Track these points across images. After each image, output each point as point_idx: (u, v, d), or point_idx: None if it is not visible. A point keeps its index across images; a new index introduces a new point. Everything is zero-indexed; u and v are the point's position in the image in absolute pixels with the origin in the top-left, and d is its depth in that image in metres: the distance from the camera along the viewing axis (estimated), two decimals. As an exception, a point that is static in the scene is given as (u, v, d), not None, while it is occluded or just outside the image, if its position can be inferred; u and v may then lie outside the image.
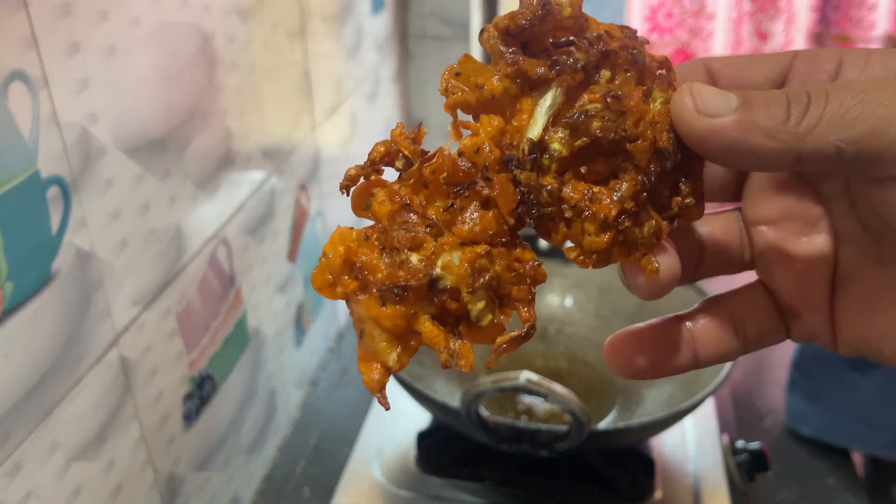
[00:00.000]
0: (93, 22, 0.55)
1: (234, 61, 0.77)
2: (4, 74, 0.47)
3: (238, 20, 0.78)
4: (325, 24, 1.03)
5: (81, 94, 0.54)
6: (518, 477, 0.72)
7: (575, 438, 0.62)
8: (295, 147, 0.95)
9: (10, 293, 0.49)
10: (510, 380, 0.59)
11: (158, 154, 0.65)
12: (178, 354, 0.70)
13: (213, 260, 0.76)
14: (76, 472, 0.57)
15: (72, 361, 0.56)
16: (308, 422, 1.00)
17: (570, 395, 0.58)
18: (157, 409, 0.68)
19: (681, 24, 1.40)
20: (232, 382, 0.82)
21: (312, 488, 0.89)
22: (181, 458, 0.73)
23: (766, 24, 1.39)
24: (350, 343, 1.16)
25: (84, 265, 0.56)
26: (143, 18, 0.61)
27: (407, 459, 0.75)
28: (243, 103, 0.80)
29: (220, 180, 0.76)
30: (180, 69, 0.67)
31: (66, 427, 0.56)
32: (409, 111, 1.53)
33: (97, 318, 0.58)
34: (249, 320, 0.85)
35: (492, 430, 0.65)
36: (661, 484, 0.71)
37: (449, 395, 0.77)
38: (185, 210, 0.70)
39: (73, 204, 0.54)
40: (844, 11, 1.37)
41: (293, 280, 0.97)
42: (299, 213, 0.98)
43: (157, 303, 0.66)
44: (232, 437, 0.83)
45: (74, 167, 0.54)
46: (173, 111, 0.66)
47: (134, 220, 0.62)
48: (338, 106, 1.10)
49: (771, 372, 1.07)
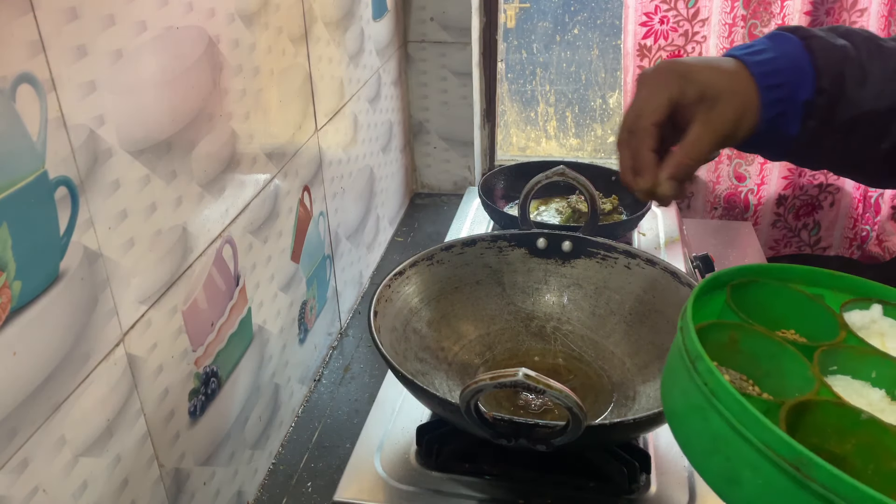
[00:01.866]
0: (100, 26, 0.56)
1: (239, 65, 0.79)
2: (13, 77, 0.48)
3: (242, 25, 0.79)
4: (327, 29, 1.04)
5: (88, 96, 0.55)
6: (516, 471, 0.73)
7: (572, 433, 0.63)
8: (298, 149, 0.96)
9: (18, 292, 0.50)
10: (508, 376, 0.59)
11: (165, 156, 0.66)
12: (184, 352, 0.72)
13: (219, 259, 0.77)
14: (83, 467, 0.58)
15: (79, 359, 0.57)
16: (311, 417, 1.01)
17: (568, 392, 0.59)
18: (162, 405, 0.69)
19: (675, 29, 1.41)
20: (236, 379, 0.83)
21: (315, 483, 0.90)
22: (186, 453, 0.74)
23: (759, 28, 1.40)
24: (352, 341, 1.17)
25: (91, 265, 0.57)
26: (150, 23, 0.62)
27: (408, 454, 0.76)
28: (248, 106, 0.81)
29: (225, 181, 0.77)
30: (186, 73, 0.68)
31: (73, 423, 0.57)
32: (409, 114, 1.54)
33: (104, 316, 0.59)
34: (254, 318, 0.86)
35: (490, 426, 0.66)
36: (657, 478, 0.72)
37: (448, 391, 0.79)
38: (190, 210, 0.71)
39: (81, 204, 0.56)
40: (836, 16, 1.38)
41: (297, 279, 0.99)
42: (303, 213, 0.99)
43: (163, 301, 0.67)
44: (236, 432, 0.84)
45: (82, 168, 0.55)
46: (179, 114, 0.68)
47: (140, 220, 0.63)
48: (340, 109, 1.12)
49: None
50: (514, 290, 0.90)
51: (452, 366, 0.82)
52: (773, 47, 0.62)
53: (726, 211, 1.60)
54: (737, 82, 0.60)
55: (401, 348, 0.79)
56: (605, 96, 1.74)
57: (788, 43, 0.61)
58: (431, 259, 0.87)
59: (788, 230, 1.61)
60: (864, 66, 0.61)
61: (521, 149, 1.80)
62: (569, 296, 0.88)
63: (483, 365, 0.84)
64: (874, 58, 0.61)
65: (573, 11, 1.66)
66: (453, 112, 1.52)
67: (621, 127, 0.64)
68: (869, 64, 0.61)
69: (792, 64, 0.60)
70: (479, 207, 1.35)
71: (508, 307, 0.89)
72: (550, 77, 1.72)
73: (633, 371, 0.81)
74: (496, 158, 1.65)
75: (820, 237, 1.61)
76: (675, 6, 1.39)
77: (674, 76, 0.61)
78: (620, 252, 0.86)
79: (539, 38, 1.69)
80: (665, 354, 0.80)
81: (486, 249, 0.89)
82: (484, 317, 0.88)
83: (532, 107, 1.75)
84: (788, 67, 0.60)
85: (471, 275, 0.89)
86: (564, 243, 0.88)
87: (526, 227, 0.90)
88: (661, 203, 0.64)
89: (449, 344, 0.85)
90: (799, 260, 1.67)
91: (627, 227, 1.19)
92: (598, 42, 1.67)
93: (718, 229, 1.49)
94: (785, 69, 0.60)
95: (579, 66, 1.70)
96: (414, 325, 0.83)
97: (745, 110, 0.60)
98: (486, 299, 0.89)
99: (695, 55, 1.43)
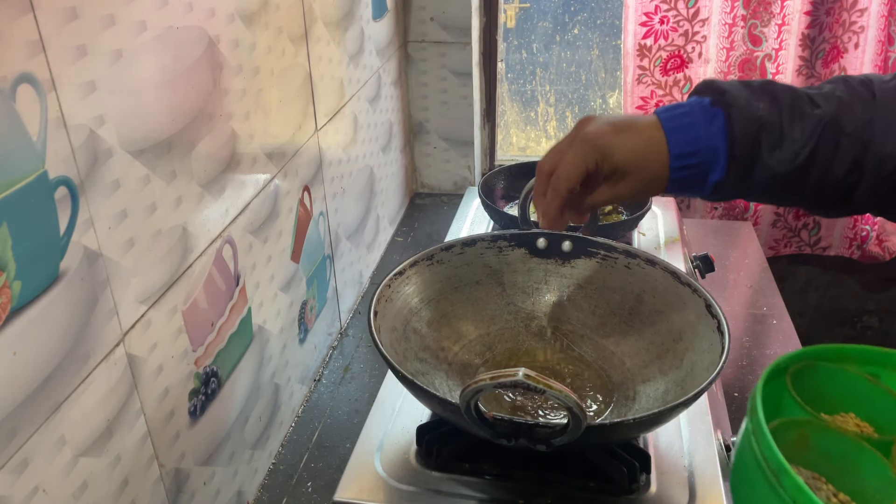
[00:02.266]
0: (100, 26, 0.56)
1: (239, 65, 0.79)
2: (13, 77, 0.48)
3: (242, 25, 0.79)
4: (327, 29, 1.04)
5: (88, 96, 0.55)
6: (516, 471, 0.73)
7: (572, 433, 0.63)
8: (298, 149, 0.96)
9: (18, 292, 0.50)
10: (508, 376, 0.59)
11: (165, 156, 0.66)
12: (184, 352, 0.72)
13: (219, 259, 0.77)
14: (83, 467, 0.59)
15: (79, 359, 0.57)
16: (311, 417, 1.01)
17: (568, 392, 0.59)
18: (163, 405, 0.69)
19: (675, 29, 1.41)
20: (236, 379, 0.83)
21: (315, 483, 0.90)
22: (186, 453, 0.74)
23: (759, 28, 1.40)
24: (352, 341, 1.17)
25: (91, 264, 0.57)
26: (150, 23, 0.62)
27: (408, 454, 0.76)
28: (248, 106, 0.81)
29: (225, 181, 0.77)
30: (186, 73, 0.68)
31: (73, 423, 0.57)
32: (409, 114, 1.54)
33: (104, 316, 0.59)
34: (254, 318, 0.86)
35: (490, 426, 0.66)
36: (657, 478, 0.72)
37: (448, 391, 0.78)
38: (190, 210, 0.71)
39: (81, 204, 0.56)
40: (836, 15, 1.38)
41: (297, 279, 0.99)
42: (303, 213, 0.99)
43: (164, 301, 0.67)
44: (236, 432, 0.84)
45: (82, 168, 0.55)
46: (179, 114, 0.68)
47: (141, 220, 0.63)
48: (340, 109, 1.12)
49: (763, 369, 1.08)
50: (514, 290, 0.90)
51: (452, 366, 0.82)
52: (702, 121, 0.66)
53: (726, 211, 1.60)
54: (651, 160, 0.68)
55: (401, 348, 0.79)
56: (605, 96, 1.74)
57: (715, 120, 0.66)
58: (431, 259, 0.87)
59: (788, 230, 1.61)
60: (784, 130, 0.64)
61: (521, 149, 1.80)
62: (569, 296, 0.88)
63: (483, 365, 0.84)
64: (795, 121, 0.64)
65: (573, 11, 1.66)
66: (453, 112, 1.52)
67: (540, 180, 0.75)
68: (789, 128, 0.64)
69: (710, 144, 0.66)
70: (479, 207, 1.35)
71: (508, 307, 0.89)
72: (550, 77, 1.72)
73: (633, 371, 0.81)
74: (496, 158, 1.65)
75: (820, 237, 1.61)
76: (675, 6, 1.39)
77: (595, 152, 0.70)
78: (620, 252, 0.86)
79: (539, 38, 1.69)
80: (665, 354, 0.80)
81: (486, 249, 0.89)
82: (484, 317, 0.88)
83: (532, 107, 1.75)
84: (705, 148, 0.66)
85: (471, 275, 0.89)
86: (564, 243, 0.88)
87: (526, 227, 0.90)
88: None
89: (449, 344, 0.84)
90: (799, 259, 1.67)
91: (627, 227, 1.19)
92: (598, 42, 1.68)
93: (718, 229, 1.49)
94: (702, 150, 0.66)
95: (579, 66, 1.70)
96: (414, 325, 0.83)
97: (652, 182, 0.69)
98: (486, 299, 0.89)
99: (695, 55, 1.43)
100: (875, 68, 1.38)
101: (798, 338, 1.15)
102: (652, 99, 1.47)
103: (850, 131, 0.63)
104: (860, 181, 0.64)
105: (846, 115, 0.64)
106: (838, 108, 0.64)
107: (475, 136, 1.56)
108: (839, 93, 0.65)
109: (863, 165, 0.63)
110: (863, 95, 0.64)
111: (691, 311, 0.78)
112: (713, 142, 0.65)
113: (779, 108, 0.65)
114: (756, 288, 1.29)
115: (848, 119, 0.63)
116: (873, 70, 1.38)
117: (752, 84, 0.67)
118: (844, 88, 0.65)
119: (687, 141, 0.66)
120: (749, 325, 1.19)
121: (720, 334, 0.72)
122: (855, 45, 1.39)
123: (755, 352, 1.12)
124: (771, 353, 1.11)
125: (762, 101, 0.65)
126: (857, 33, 1.38)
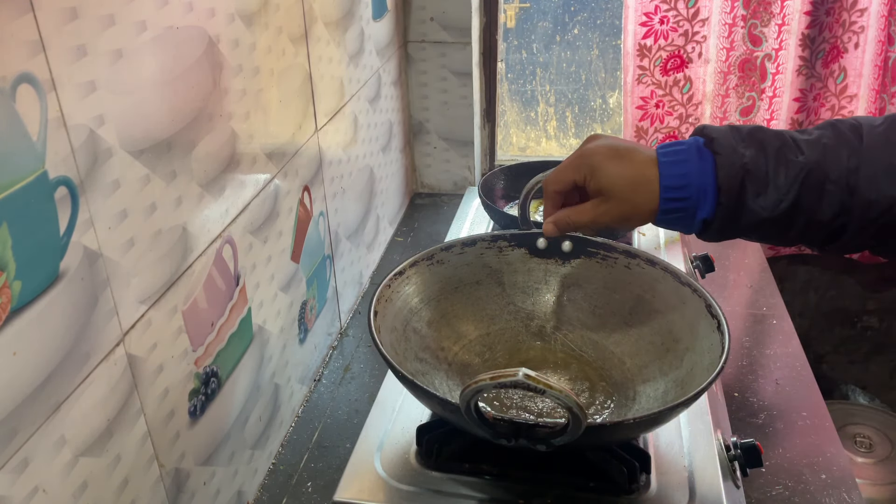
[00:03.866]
0: (100, 26, 0.56)
1: (239, 65, 0.79)
2: (12, 77, 0.48)
3: (242, 25, 0.79)
4: (327, 29, 1.04)
5: (88, 96, 0.55)
6: (516, 471, 0.74)
7: (572, 433, 0.63)
8: (298, 149, 0.96)
9: (18, 292, 0.50)
10: (508, 376, 0.59)
11: (165, 156, 0.66)
12: (184, 352, 0.72)
13: (219, 259, 0.77)
14: (83, 467, 0.59)
15: (79, 359, 0.57)
16: (311, 418, 1.01)
17: (568, 392, 0.59)
18: (163, 405, 0.69)
19: (675, 29, 1.41)
20: (236, 379, 0.83)
21: (315, 483, 0.90)
22: (186, 453, 0.74)
23: (759, 28, 1.40)
24: (352, 341, 1.17)
25: (91, 264, 0.57)
26: (149, 22, 0.62)
27: (408, 454, 0.76)
28: (248, 106, 0.81)
29: (225, 181, 0.77)
30: (186, 72, 0.68)
31: (73, 423, 0.57)
32: (409, 114, 1.54)
33: (104, 316, 0.59)
34: (254, 318, 0.86)
35: (490, 426, 0.66)
36: (657, 478, 0.72)
37: (448, 391, 0.79)
38: (190, 210, 0.71)
39: (81, 204, 0.56)
40: (836, 15, 1.38)
41: (297, 279, 0.99)
42: (303, 213, 0.99)
43: (164, 301, 0.67)
44: (236, 432, 0.84)
45: (82, 168, 0.55)
46: (179, 114, 0.68)
47: (141, 220, 0.63)
48: (340, 108, 1.12)
49: (763, 369, 1.08)
50: (514, 290, 0.90)
51: (452, 366, 0.82)
52: (695, 159, 0.68)
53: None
54: (638, 191, 0.70)
55: (401, 348, 0.79)
56: (605, 96, 1.74)
57: (706, 160, 0.67)
58: (431, 259, 0.87)
59: (788, 230, 1.61)
60: (769, 176, 0.66)
61: (521, 149, 1.80)
62: (569, 296, 0.88)
63: (483, 365, 0.84)
64: (780, 168, 0.65)
65: (573, 11, 1.66)
66: (453, 112, 1.52)
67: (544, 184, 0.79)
68: (774, 175, 0.66)
69: (700, 182, 0.67)
70: (479, 207, 1.35)
71: (508, 307, 0.89)
72: (550, 77, 1.72)
73: (633, 371, 0.81)
74: (496, 158, 1.65)
75: (820, 237, 1.61)
76: (675, 6, 1.39)
77: (584, 167, 0.72)
78: (620, 252, 0.86)
79: (539, 38, 1.69)
80: (665, 354, 0.80)
81: (486, 249, 0.89)
82: (484, 317, 0.88)
83: (532, 107, 1.75)
84: (695, 185, 0.67)
85: (471, 275, 0.89)
86: (564, 243, 0.88)
87: (526, 227, 0.90)
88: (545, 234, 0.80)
89: (449, 344, 0.85)
90: (799, 260, 1.67)
91: (627, 227, 1.19)
92: (598, 42, 1.68)
93: (718, 229, 1.48)
94: (692, 185, 0.67)
95: (579, 66, 1.70)
96: (414, 325, 0.83)
97: (634, 214, 0.71)
98: (486, 299, 0.89)
99: (695, 55, 1.43)
100: (875, 68, 1.38)
101: (798, 338, 1.15)
102: (652, 99, 1.47)
103: (835, 178, 0.64)
104: (848, 224, 0.65)
105: (831, 161, 0.65)
106: (823, 155, 0.65)
107: (475, 136, 1.56)
108: (826, 139, 0.66)
109: (850, 210, 0.64)
110: (850, 141, 0.65)
111: (691, 311, 0.78)
112: (703, 180, 0.67)
113: (765, 155, 0.66)
114: (756, 288, 1.29)
115: (833, 165, 0.65)
116: (873, 70, 1.38)
117: (742, 130, 0.68)
118: (832, 134, 0.66)
119: (678, 175, 0.68)
120: (749, 325, 1.19)
121: (720, 334, 0.72)
122: (855, 45, 1.39)
123: (755, 352, 1.12)
124: (771, 353, 1.11)
125: (749, 149, 0.66)
126: (857, 33, 1.38)
